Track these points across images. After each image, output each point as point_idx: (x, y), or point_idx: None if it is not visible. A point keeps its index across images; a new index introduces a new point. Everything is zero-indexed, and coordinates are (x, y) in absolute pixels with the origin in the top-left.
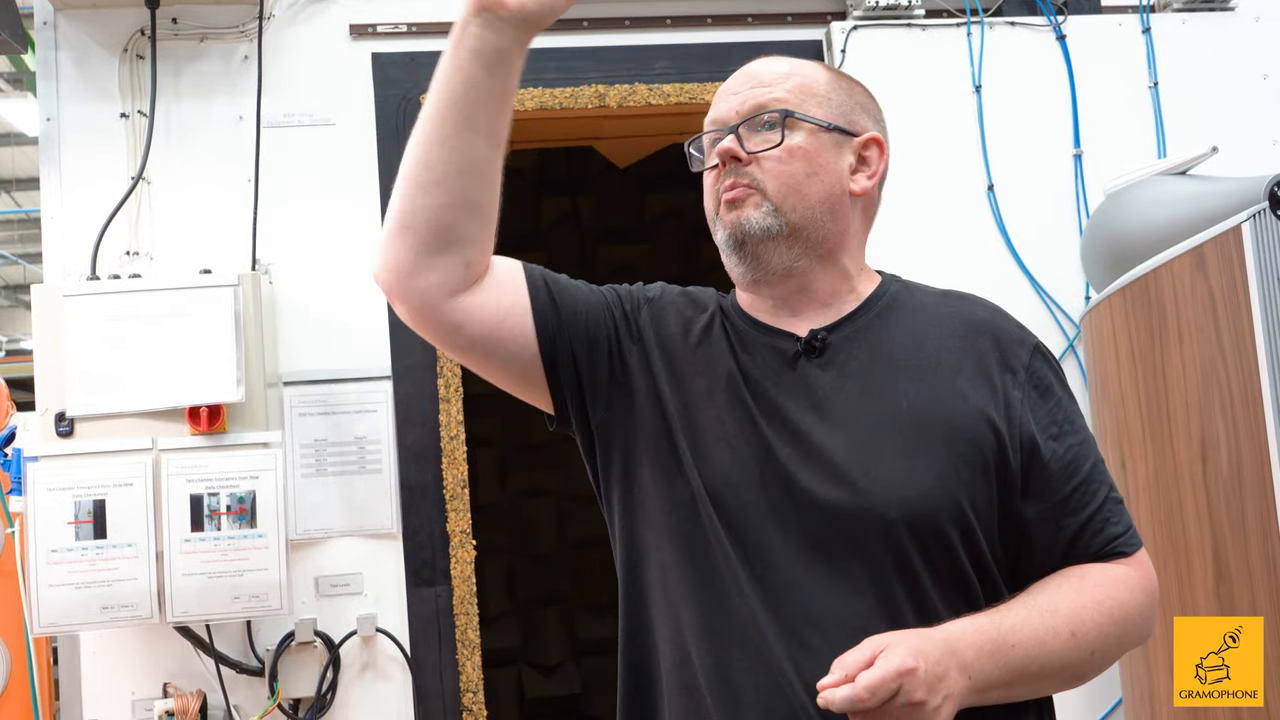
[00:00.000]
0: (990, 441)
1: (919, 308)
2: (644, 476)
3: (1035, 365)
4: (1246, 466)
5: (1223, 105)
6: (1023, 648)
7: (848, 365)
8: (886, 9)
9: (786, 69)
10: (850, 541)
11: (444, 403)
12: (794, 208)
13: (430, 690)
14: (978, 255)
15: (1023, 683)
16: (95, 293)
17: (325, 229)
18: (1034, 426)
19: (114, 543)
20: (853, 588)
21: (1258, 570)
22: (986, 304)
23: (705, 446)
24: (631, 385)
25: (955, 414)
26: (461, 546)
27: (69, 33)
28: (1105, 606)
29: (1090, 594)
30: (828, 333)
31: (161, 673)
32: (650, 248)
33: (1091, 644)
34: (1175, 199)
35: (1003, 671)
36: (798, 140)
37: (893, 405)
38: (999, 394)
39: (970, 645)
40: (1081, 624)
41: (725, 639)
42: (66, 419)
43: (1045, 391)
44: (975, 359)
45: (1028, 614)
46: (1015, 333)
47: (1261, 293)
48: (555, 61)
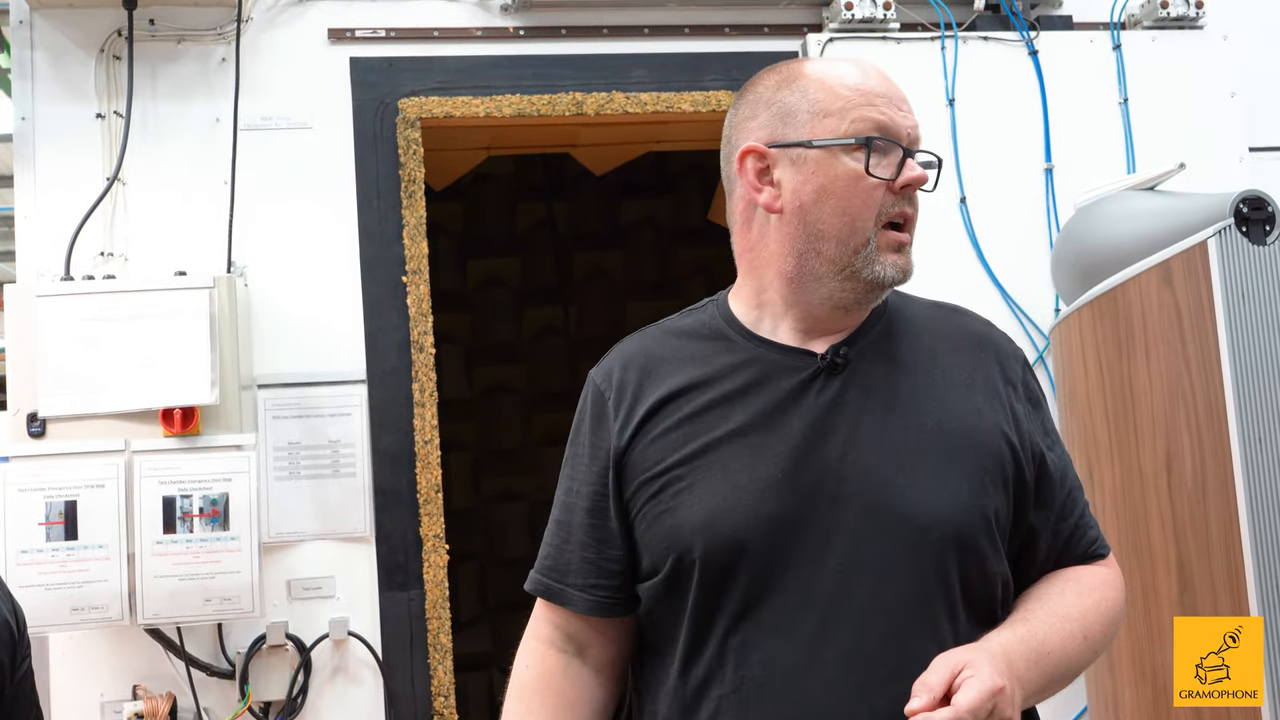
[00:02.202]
0: (1008, 456)
1: (916, 319)
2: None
3: (1027, 378)
4: (1210, 478)
5: (1191, 122)
6: (1055, 655)
7: (869, 382)
8: (862, 22)
9: (900, 92)
10: (893, 563)
11: (419, 407)
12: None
13: (402, 694)
14: (950, 267)
15: (1053, 688)
16: (69, 293)
17: (301, 232)
18: (1033, 438)
19: (85, 544)
20: (896, 606)
21: (1220, 579)
22: (977, 316)
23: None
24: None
25: (976, 430)
26: (434, 551)
27: (45, 32)
28: (1103, 608)
29: (1091, 597)
30: (848, 347)
31: (131, 675)
32: (624, 253)
33: (1097, 644)
34: (1143, 214)
35: (1042, 679)
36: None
37: (919, 422)
38: (1006, 408)
39: (1020, 657)
40: (1090, 627)
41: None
42: (39, 419)
43: (1036, 403)
44: (983, 374)
45: (1052, 621)
46: (1008, 346)
47: (1226, 308)
48: (533, 69)
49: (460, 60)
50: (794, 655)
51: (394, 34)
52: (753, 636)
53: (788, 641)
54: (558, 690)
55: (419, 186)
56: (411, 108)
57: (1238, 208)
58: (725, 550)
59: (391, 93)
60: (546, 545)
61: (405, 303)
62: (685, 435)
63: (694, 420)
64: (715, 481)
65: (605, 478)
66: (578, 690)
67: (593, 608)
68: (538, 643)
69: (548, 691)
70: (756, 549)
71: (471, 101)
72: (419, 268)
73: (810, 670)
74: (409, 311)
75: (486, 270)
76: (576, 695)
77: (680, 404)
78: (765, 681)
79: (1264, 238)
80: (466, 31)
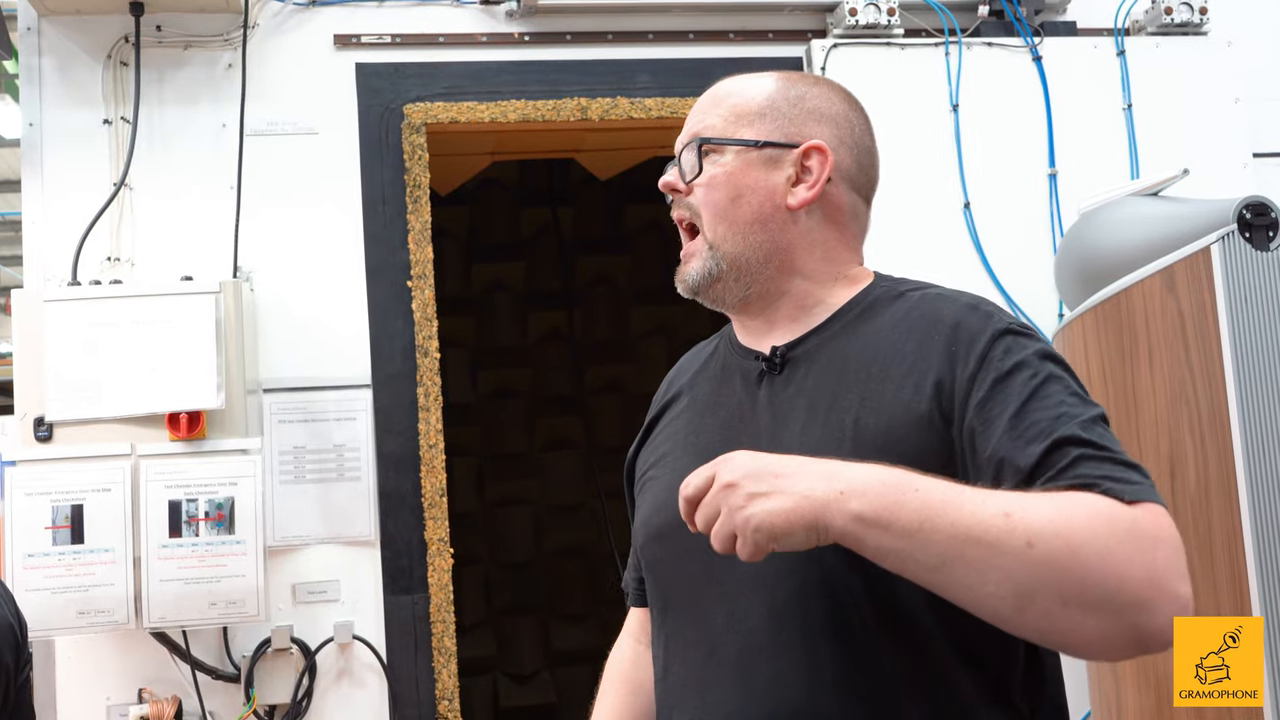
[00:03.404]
0: (934, 447)
1: (893, 313)
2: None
3: (993, 352)
4: (1213, 484)
5: (1195, 128)
6: (929, 496)
7: (804, 382)
8: (866, 28)
9: (728, 89)
10: (784, 560)
11: (423, 411)
12: (725, 238)
13: (406, 698)
14: (954, 272)
15: (925, 541)
16: (76, 298)
17: (307, 237)
18: (979, 418)
19: (91, 548)
20: (783, 605)
21: (1223, 585)
22: (960, 300)
23: (649, 486)
24: None
25: (896, 423)
26: (439, 555)
27: (53, 39)
28: (1064, 506)
29: (1049, 496)
30: (789, 349)
31: (137, 678)
32: (629, 258)
33: (1029, 533)
34: (1147, 220)
35: (893, 508)
36: (722, 166)
37: (839, 421)
38: (946, 393)
39: (858, 469)
40: (1024, 509)
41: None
42: (45, 424)
43: (1004, 377)
44: (926, 360)
45: (951, 483)
46: (978, 324)
47: (1230, 314)
48: (538, 74)
49: (465, 66)
50: (696, 654)
51: (399, 40)
52: (671, 633)
53: (690, 642)
54: (627, 677)
55: (424, 192)
56: (417, 113)
57: (1241, 213)
58: (653, 544)
59: (397, 98)
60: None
61: (410, 307)
62: (664, 439)
63: (673, 424)
64: (663, 480)
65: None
66: (641, 676)
67: (637, 599)
68: (622, 633)
69: (620, 678)
70: (674, 544)
71: (477, 107)
72: (424, 272)
73: (707, 666)
74: (414, 316)
75: (491, 275)
76: (640, 680)
77: (672, 411)
78: (674, 673)
79: (1267, 244)
80: (472, 37)
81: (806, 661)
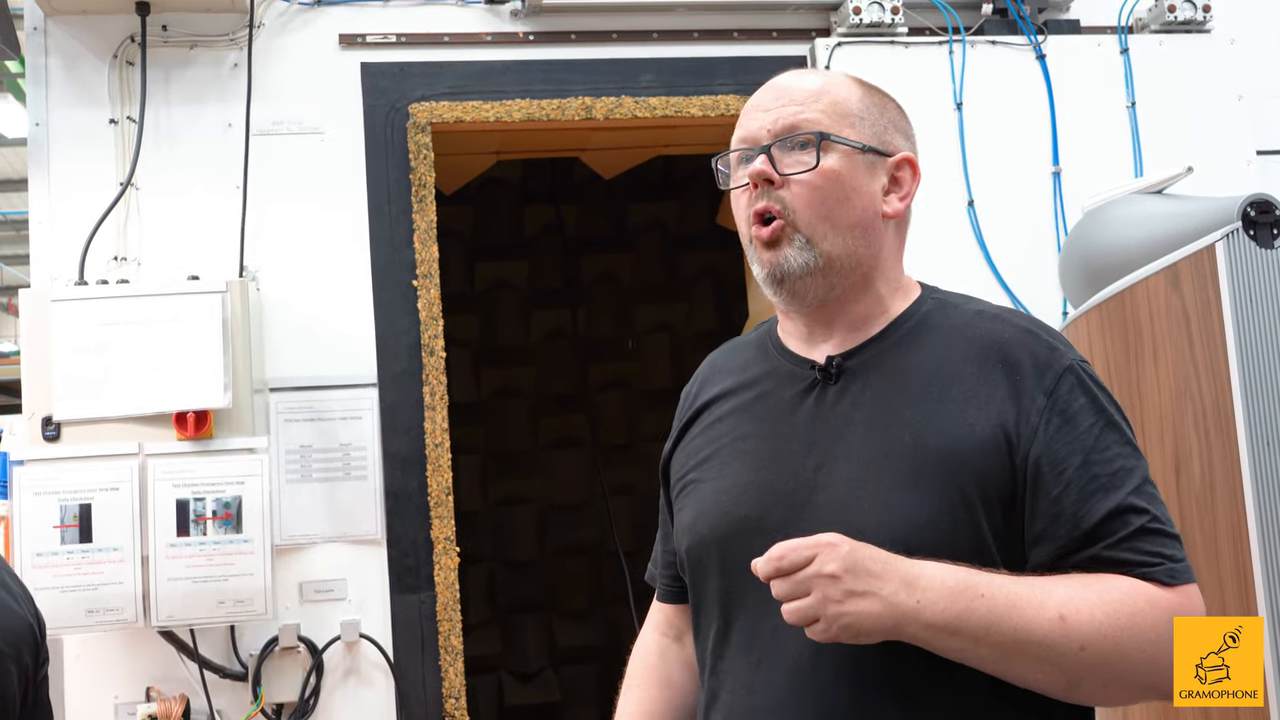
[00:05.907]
0: (994, 471)
1: (948, 328)
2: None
3: (1061, 390)
4: (1218, 481)
5: (1198, 125)
6: (993, 602)
7: (861, 395)
8: (870, 26)
9: (818, 85)
10: None
11: (429, 410)
12: (825, 236)
13: (413, 696)
14: (958, 270)
15: (989, 644)
16: (83, 298)
17: (313, 236)
18: (1047, 457)
19: (99, 546)
20: None
21: (1229, 582)
22: (1018, 323)
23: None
24: None
25: (959, 445)
26: (445, 553)
27: (59, 38)
28: (1112, 607)
29: (1098, 590)
30: (844, 359)
31: (144, 677)
32: (633, 257)
33: (1082, 637)
34: (1151, 218)
35: (962, 615)
36: (831, 163)
37: (898, 438)
38: (1012, 423)
39: (931, 574)
40: (1076, 612)
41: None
42: (53, 423)
43: (1070, 419)
44: (989, 385)
45: (1014, 581)
46: (1043, 355)
47: (1234, 311)
48: (543, 74)
49: (470, 65)
50: (744, 660)
51: (405, 39)
52: (718, 637)
53: (737, 647)
54: (652, 669)
55: (429, 191)
56: (422, 113)
57: (1245, 211)
58: (701, 548)
59: (402, 98)
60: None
61: (416, 306)
62: (706, 441)
63: (715, 427)
64: (710, 484)
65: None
66: (669, 670)
67: (665, 595)
68: (647, 627)
69: (645, 670)
70: (727, 549)
71: (481, 106)
72: (429, 271)
73: (757, 675)
74: (419, 315)
75: (495, 273)
76: (668, 675)
77: (712, 412)
78: (722, 681)
79: (1271, 241)
80: (476, 37)
81: (852, 674)
